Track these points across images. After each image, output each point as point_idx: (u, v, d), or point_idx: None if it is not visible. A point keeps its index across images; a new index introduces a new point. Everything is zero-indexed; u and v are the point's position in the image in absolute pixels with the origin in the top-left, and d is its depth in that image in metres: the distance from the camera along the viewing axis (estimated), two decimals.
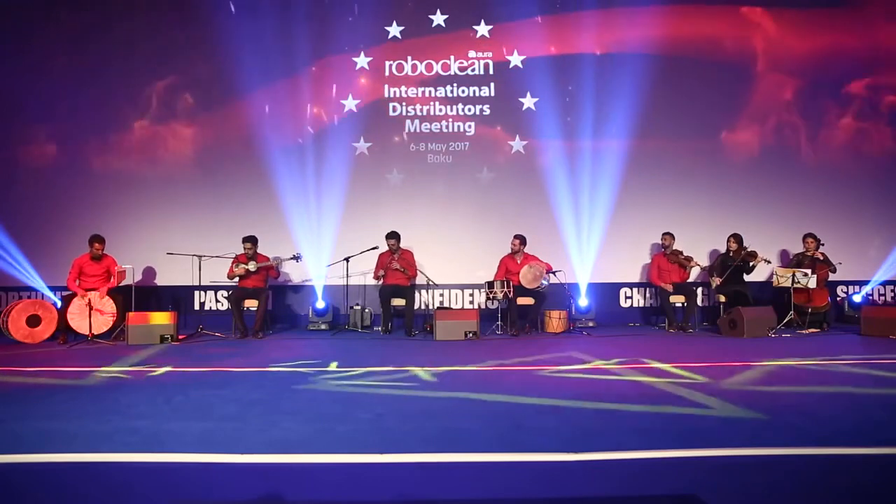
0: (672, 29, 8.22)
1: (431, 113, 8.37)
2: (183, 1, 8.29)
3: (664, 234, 7.66)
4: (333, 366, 5.16)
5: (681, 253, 7.57)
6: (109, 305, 6.87)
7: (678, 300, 7.51)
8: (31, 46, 8.19)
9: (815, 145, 8.42)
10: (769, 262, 7.45)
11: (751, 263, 7.33)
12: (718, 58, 8.31)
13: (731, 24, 8.34)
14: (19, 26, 8.20)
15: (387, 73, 8.34)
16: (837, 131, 8.42)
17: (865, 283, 8.24)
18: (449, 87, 8.35)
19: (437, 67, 8.36)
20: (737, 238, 7.51)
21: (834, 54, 8.36)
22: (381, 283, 7.53)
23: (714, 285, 7.53)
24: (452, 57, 8.35)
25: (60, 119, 8.26)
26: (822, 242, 7.44)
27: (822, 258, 7.38)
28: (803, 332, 7.08)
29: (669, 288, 7.48)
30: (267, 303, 7.39)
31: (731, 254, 7.50)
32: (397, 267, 7.43)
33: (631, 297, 8.42)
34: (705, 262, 8.13)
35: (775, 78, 8.38)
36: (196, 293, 8.06)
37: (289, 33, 8.18)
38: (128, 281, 7.31)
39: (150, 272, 8.24)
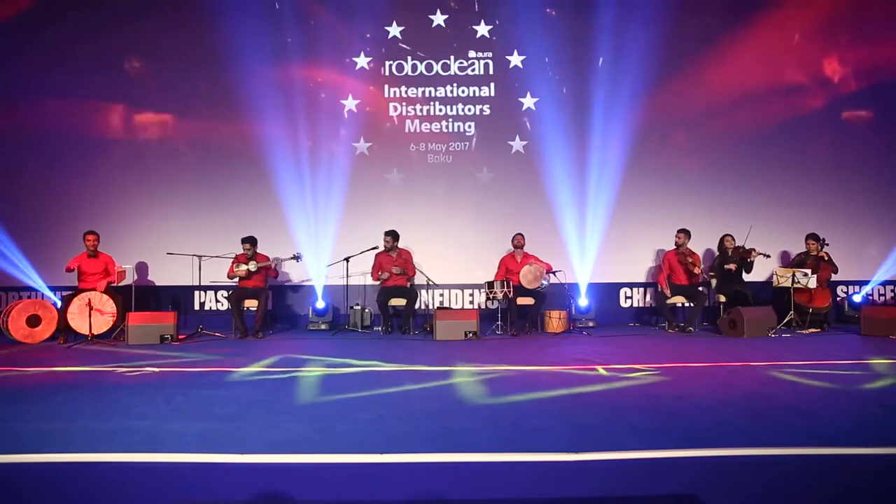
0: (675, 33, 8.20)
1: (431, 113, 8.37)
2: (183, 2, 8.29)
3: (678, 230, 7.52)
4: (336, 367, 5.17)
5: (686, 254, 7.49)
6: (109, 305, 6.86)
7: (678, 300, 7.49)
8: (29, 47, 8.19)
9: (816, 145, 8.42)
10: (768, 256, 7.43)
11: (749, 260, 7.32)
12: (718, 59, 8.30)
13: (732, 28, 8.33)
14: (18, 27, 8.19)
15: (387, 73, 8.34)
16: (838, 131, 8.41)
17: (865, 283, 8.24)
18: (449, 87, 8.35)
19: (437, 67, 8.36)
20: (731, 237, 7.48)
21: (832, 52, 8.36)
22: (381, 284, 7.51)
23: (715, 282, 7.49)
24: (452, 57, 8.35)
25: (60, 119, 8.25)
26: (826, 243, 7.42)
27: (826, 258, 7.37)
28: (803, 332, 7.07)
29: (667, 292, 7.45)
30: (267, 303, 7.39)
31: (728, 253, 7.49)
32: (398, 271, 7.43)
33: (631, 297, 8.41)
34: (705, 263, 8.14)
35: (776, 78, 8.37)
36: (196, 293, 8.05)
37: (289, 33, 8.18)
38: (128, 281, 7.31)
39: (150, 272, 8.24)
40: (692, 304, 7.41)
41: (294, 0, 8.21)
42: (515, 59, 8.33)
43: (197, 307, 8.05)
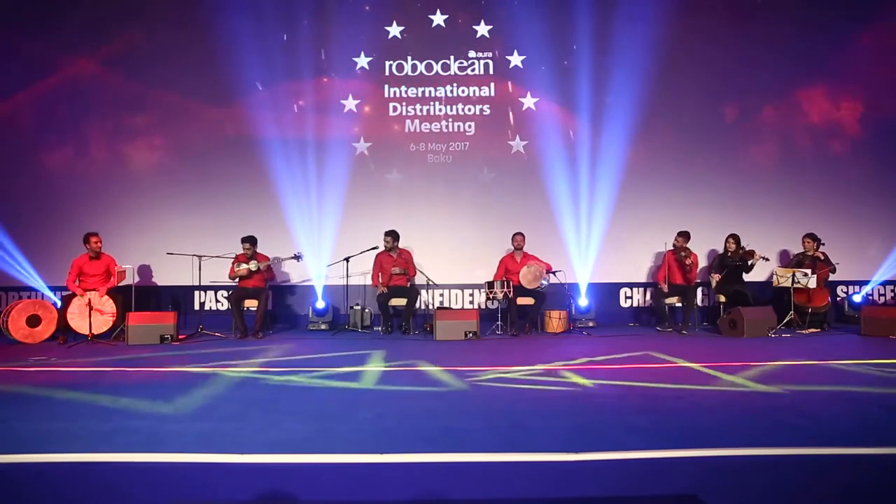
0: (675, 34, 8.18)
1: (431, 113, 8.37)
2: (183, 1, 8.29)
3: (678, 233, 7.42)
4: (336, 367, 5.17)
5: (683, 251, 7.47)
6: (109, 305, 6.86)
7: (672, 301, 7.48)
8: (30, 48, 8.18)
9: (816, 146, 8.42)
10: (767, 259, 7.44)
11: (749, 262, 7.33)
12: (720, 59, 8.30)
13: (734, 28, 8.32)
14: (19, 28, 8.19)
15: (387, 73, 8.34)
16: (837, 130, 8.41)
17: (865, 283, 8.24)
18: (449, 87, 8.35)
19: (437, 67, 8.36)
20: (735, 238, 7.51)
21: (833, 52, 8.36)
22: (378, 292, 7.46)
23: (713, 283, 7.52)
24: (452, 57, 8.34)
25: (60, 120, 8.26)
26: (822, 242, 7.45)
27: (822, 258, 7.38)
28: (803, 332, 7.07)
29: (665, 288, 7.44)
30: (267, 303, 7.39)
31: (729, 254, 7.50)
32: (398, 271, 7.44)
33: (631, 297, 8.41)
34: (705, 262, 8.13)
35: (776, 80, 8.37)
36: (196, 293, 8.05)
37: (289, 33, 8.19)
38: (128, 281, 7.31)
39: (150, 272, 8.24)
40: (684, 305, 7.38)
41: (294, 0, 8.21)
42: (515, 59, 8.33)
43: (197, 307, 8.05)
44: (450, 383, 4.44)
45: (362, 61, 8.31)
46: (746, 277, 7.51)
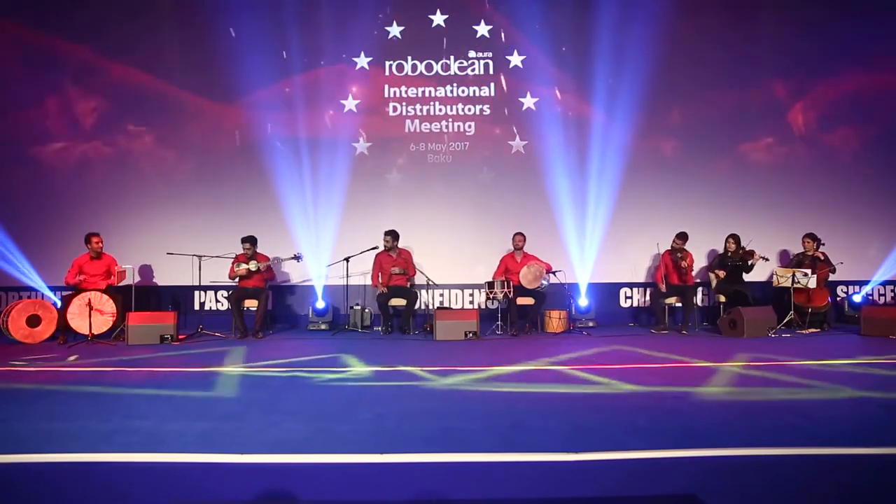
0: (675, 34, 8.17)
1: (431, 113, 8.37)
2: (183, 1, 8.29)
3: (676, 235, 7.44)
4: (334, 366, 5.17)
5: (680, 252, 7.47)
6: (109, 305, 6.86)
7: (671, 301, 7.47)
8: (29, 47, 8.18)
9: (815, 145, 8.42)
10: (767, 259, 7.44)
11: (749, 262, 7.33)
12: (720, 58, 8.30)
13: (734, 28, 8.33)
14: (18, 27, 8.19)
15: (387, 73, 8.34)
16: (837, 131, 8.41)
17: (865, 283, 8.24)
18: (449, 87, 8.35)
19: (437, 67, 8.35)
20: (735, 238, 7.51)
21: (833, 52, 8.36)
22: (378, 292, 7.45)
23: (715, 282, 7.52)
24: (452, 57, 8.34)
25: (60, 119, 8.26)
26: (822, 242, 7.45)
27: (822, 258, 7.38)
28: (803, 332, 7.07)
29: (662, 288, 7.43)
30: (267, 303, 7.39)
31: (729, 254, 7.50)
32: (398, 271, 7.44)
33: (631, 297, 8.41)
34: (704, 262, 8.13)
35: (775, 80, 8.37)
36: (196, 293, 8.05)
37: (289, 33, 8.18)
38: (128, 281, 7.31)
39: (150, 272, 8.23)
40: (683, 305, 7.36)
41: (295, 0, 8.21)
42: (515, 59, 8.32)
43: (197, 307, 8.05)
44: (449, 383, 4.45)
45: (362, 61, 8.30)
46: (746, 277, 7.51)
